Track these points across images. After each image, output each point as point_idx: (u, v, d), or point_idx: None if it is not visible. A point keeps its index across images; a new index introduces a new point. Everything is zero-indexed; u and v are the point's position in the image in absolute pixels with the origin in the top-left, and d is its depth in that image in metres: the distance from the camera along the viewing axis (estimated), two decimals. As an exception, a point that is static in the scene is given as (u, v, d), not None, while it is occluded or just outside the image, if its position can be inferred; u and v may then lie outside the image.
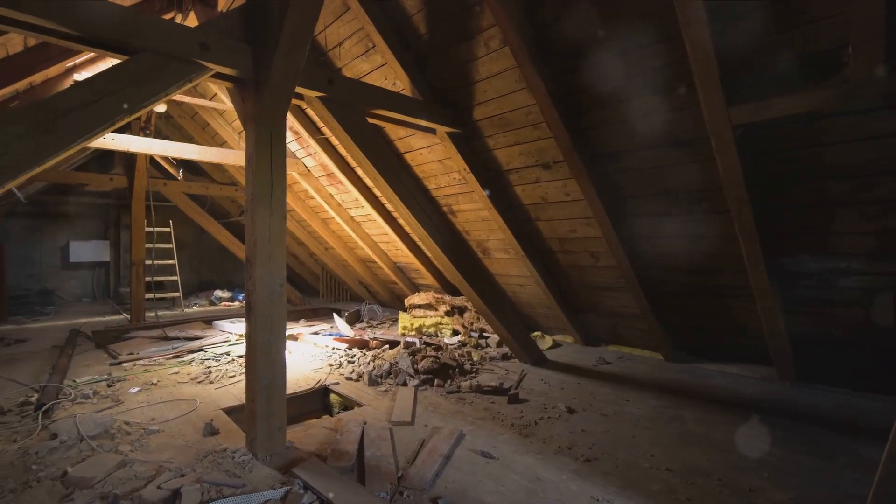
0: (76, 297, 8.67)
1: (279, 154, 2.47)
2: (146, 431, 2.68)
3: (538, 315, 4.86)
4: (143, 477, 2.16)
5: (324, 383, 3.58)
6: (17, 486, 2.06)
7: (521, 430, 2.70)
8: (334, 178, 5.32)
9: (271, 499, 1.99)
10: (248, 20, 2.43)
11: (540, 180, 3.51)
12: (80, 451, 2.38)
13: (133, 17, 2.07)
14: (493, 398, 3.22)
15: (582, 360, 4.14)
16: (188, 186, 7.08)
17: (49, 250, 8.45)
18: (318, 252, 7.60)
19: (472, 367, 3.83)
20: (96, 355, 4.49)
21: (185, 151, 4.99)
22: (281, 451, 2.42)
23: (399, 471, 2.24)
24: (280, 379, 2.45)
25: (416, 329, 5.01)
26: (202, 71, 2.28)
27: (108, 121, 1.97)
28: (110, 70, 2.01)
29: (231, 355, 4.35)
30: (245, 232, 2.47)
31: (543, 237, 3.94)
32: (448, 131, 3.47)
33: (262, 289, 2.38)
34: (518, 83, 3.03)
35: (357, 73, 3.81)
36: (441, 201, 4.40)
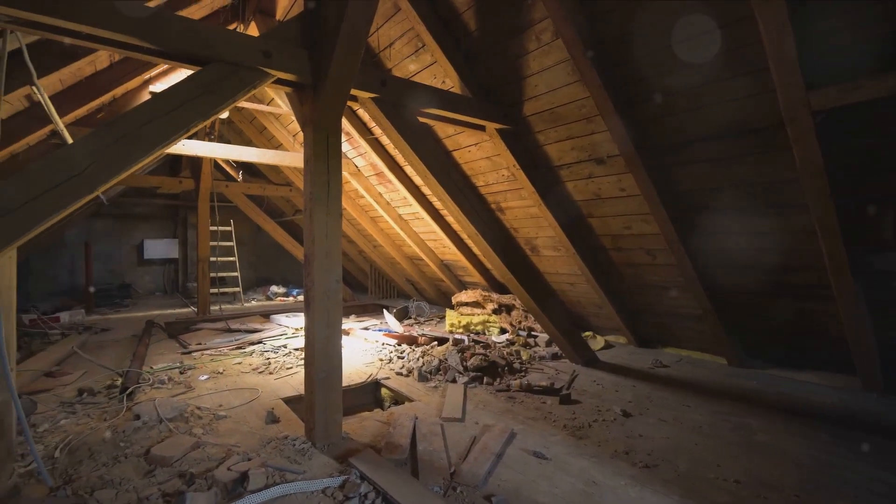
0: (150, 291, 9.44)
1: (335, 155, 2.56)
2: (215, 417, 2.87)
3: (589, 314, 4.72)
4: (215, 459, 2.32)
5: (375, 377, 3.67)
6: (108, 460, 2.28)
7: (574, 431, 2.64)
8: (383, 177, 5.43)
9: (330, 486, 2.08)
10: (306, 27, 2.53)
11: (593, 175, 3.40)
12: (159, 432, 2.59)
13: (206, 30, 2.22)
14: (543, 398, 3.16)
15: (636, 362, 3.98)
16: (247, 187, 7.51)
17: (126, 248, 9.25)
18: (366, 250, 7.81)
19: (521, 366, 3.79)
20: (169, 345, 4.86)
21: (246, 154, 5.29)
22: (337, 441, 2.51)
23: (451, 466, 2.26)
24: (337, 371, 2.54)
25: (463, 326, 5.02)
26: (265, 77, 2.40)
27: (184, 127, 2.12)
28: (185, 80, 2.16)
29: (288, 348, 4.57)
30: (304, 231, 2.58)
31: (595, 234, 3.82)
32: (497, 128, 3.44)
33: (319, 285, 2.48)
34: (570, 76, 2.95)
35: (406, 73, 3.86)
36: (489, 198, 4.38)
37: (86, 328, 5.68)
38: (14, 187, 1.72)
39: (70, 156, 1.86)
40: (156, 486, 2.03)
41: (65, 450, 2.38)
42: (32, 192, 1.75)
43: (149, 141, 2.03)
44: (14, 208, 1.71)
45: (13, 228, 1.70)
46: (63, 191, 1.81)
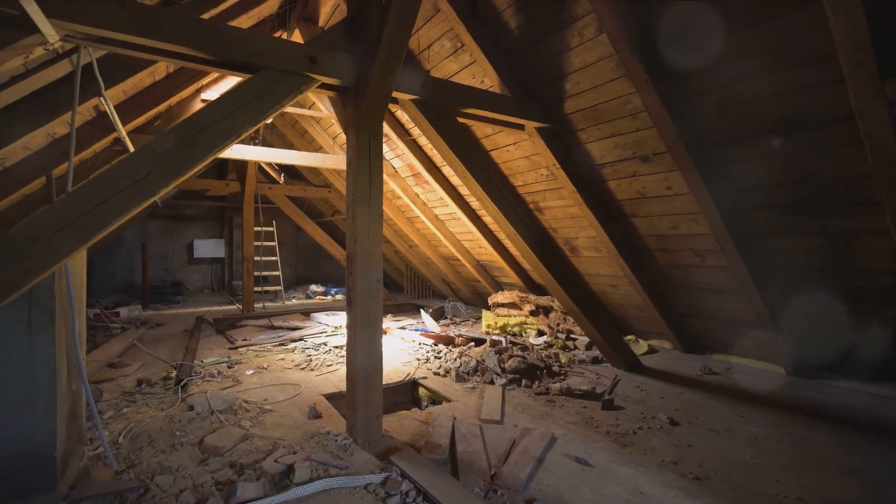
0: (198, 289, 9.95)
1: (377, 157, 2.60)
2: (261, 410, 2.98)
3: (631, 317, 4.57)
4: (262, 450, 2.41)
5: (413, 377, 3.71)
6: (166, 447, 2.42)
7: (618, 438, 2.55)
8: (420, 177, 5.48)
9: (372, 482, 2.11)
10: (349, 32, 2.58)
11: (637, 174, 3.29)
12: (211, 423, 2.72)
13: (255, 39, 2.31)
14: (584, 403, 3.09)
15: (683, 369, 3.81)
16: (289, 189, 7.78)
17: (178, 248, 9.79)
18: (402, 250, 7.90)
19: (560, 370, 3.72)
20: (217, 340, 5.10)
21: (289, 157, 5.48)
22: (378, 439, 2.55)
23: (492, 469, 2.24)
24: (378, 370, 2.58)
25: (500, 328, 4.98)
26: (311, 82, 2.47)
27: (236, 133, 2.22)
28: (236, 88, 2.26)
29: (328, 345, 4.69)
30: (346, 231, 2.63)
31: (639, 234, 3.69)
32: (537, 126, 3.39)
33: (361, 284, 2.53)
34: (615, 71, 2.86)
35: (445, 74, 3.87)
36: (527, 198, 4.32)
37: (142, 323, 6.05)
38: (89, 191, 1.86)
39: (135, 162, 1.99)
40: (209, 475, 2.13)
41: (127, 436, 2.54)
42: (103, 196, 1.89)
43: (204, 146, 2.14)
44: (89, 210, 1.84)
45: (89, 228, 1.83)
46: (129, 194, 1.93)
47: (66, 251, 1.81)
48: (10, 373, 1.87)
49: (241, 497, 1.92)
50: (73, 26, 1.90)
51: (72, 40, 2.02)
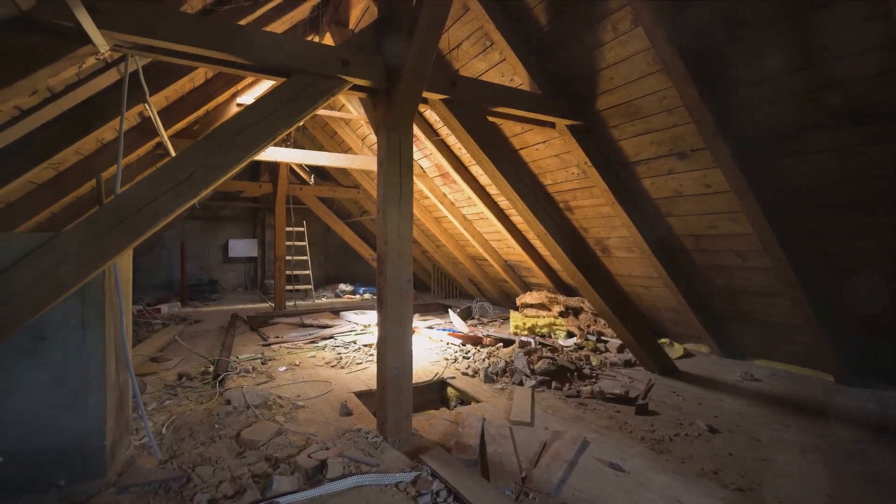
0: (233, 287, 10.30)
1: (407, 157, 2.62)
2: (294, 406, 3.05)
3: (665, 320, 4.42)
4: (296, 445, 2.46)
5: (441, 376, 3.71)
6: (205, 439, 2.51)
7: (654, 444, 2.47)
8: (448, 177, 5.48)
9: (403, 481, 2.12)
10: (380, 34, 2.61)
11: (674, 171, 3.17)
12: (247, 417, 2.81)
13: (290, 43, 2.36)
14: (617, 406, 3.01)
15: (722, 374, 3.65)
16: (319, 190, 7.95)
17: (214, 247, 10.16)
18: (430, 250, 7.93)
19: (591, 372, 3.64)
20: (251, 337, 5.26)
21: (320, 158, 5.59)
22: (407, 437, 2.56)
23: (523, 471, 2.21)
24: (407, 369, 2.59)
25: (528, 329, 4.93)
26: (343, 84, 2.51)
27: (272, 135, 2.27)
28: (272, 92, 2.32)
29: (357, 344, 4.75)
30: (377, 231, 2.66)
31: (675, 234, 3.56)
32: (568, 124, 3.33)
33: (392, 284, 2.55)
34: (651, 66, 2.77)
35: (474, 73, 3.86)
36: (557, 198, 4.25)
37: (182, 319, 6.31)
38: (136, 193, 1.95)
39: (178, 164, 2.07)
40: (246, 467, 2.19)
41: (170, 428, 2.65)
42: (150, 197, 1.97)
43: (242, 149, 2.20)
44: (136, 210, 1.93)
45: (136, 228, 1.92)
46: (173, 195, 2.01)
47: (115, 250, 1.90)
48: (67, 366, 1.98)
49: (277, 490, 1.97)
50: (122, 36, 1.99)
51: (120, 49, 2.12)
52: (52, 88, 2.40)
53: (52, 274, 1.76)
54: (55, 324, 1.98)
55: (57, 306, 1.92)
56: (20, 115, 2.36)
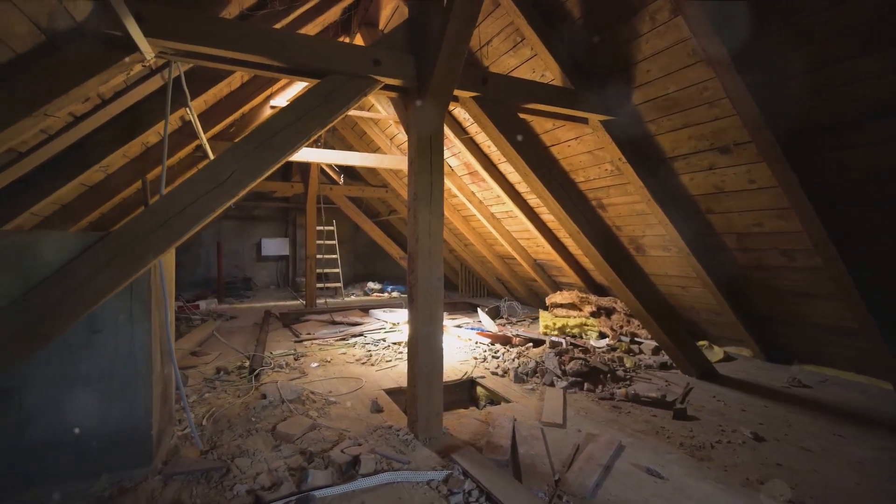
0: (266, 284, 10.60)
1: (438, 156, 2.61)
2: (327, 402, 3.11)
3: (704, 322, 4.25)
4: (329, 440, 2.51)
5: (470, 376, 3.70)
6: (243, 432, 2.59)
7: (694, 451, 2.38)
8: (477, 175, 5.46)
9: (435, 479, 2.12)
10: (411, 33, 2.61)
11: (715, 167, 3.04)
12: (282, 411, 2.88)
13: (323, 45, 2.40)
14: (653, 410, 2.91)
15: (766, 379, 3.48)
16: (348, 190, 8.08)
17: (248, 246, 10.49)
18: (457, 248, 7.92)
19: (625, 374, 3.54)
20: (284, 333, 5.40)
21: (350, 158, 5.68)
22: (438, 436, 2.56)
23: (556, 473, 2.17)
24: (438, 367, 2.59)
25: (558, 329, 4.84)
26: (374, 84, 2.53)
27: (306, 136, 2.32)
28: (306, 93, 2.36)
29: (387, 341, 4.80)
30: (408, 230, 2.67)
31: (715, 232, 3.42)
32: (602, 119, 3.24)
33: (423, 282, 2.55)
34: (690, 57, 2.66)
35: (504, 69, 3.81)
36: (589, 195, 4.16)
37: (218, 315, 6.54)
38: (179, 194, 2.02)
39: (218, 166, 2.13)
40: (282, 460, 2.25)
41: (210, 419, 2.75)
42: (192, 197, 2.05)
43: (278, 150, 2.26)
44: (180, 210, 2.01)
45: (180, 227, 2.00)
46: (214, 195, 2.08)
47: (161, 248, 1.98)
48: (118, 358, 2.09)
49: (312, 483, 2.01)
50: (166, 43, 2.07)
51: (164, 56, 2.21)
52: (102, 95, 2.53)
53: (104, 270, 1.86)
54: (107, 318, 2.08)
55: (108, 302, 2.02)
56: (74, 121, 2.50)
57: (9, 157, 2.33)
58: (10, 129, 1.87)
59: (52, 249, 1.90)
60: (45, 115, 1.98)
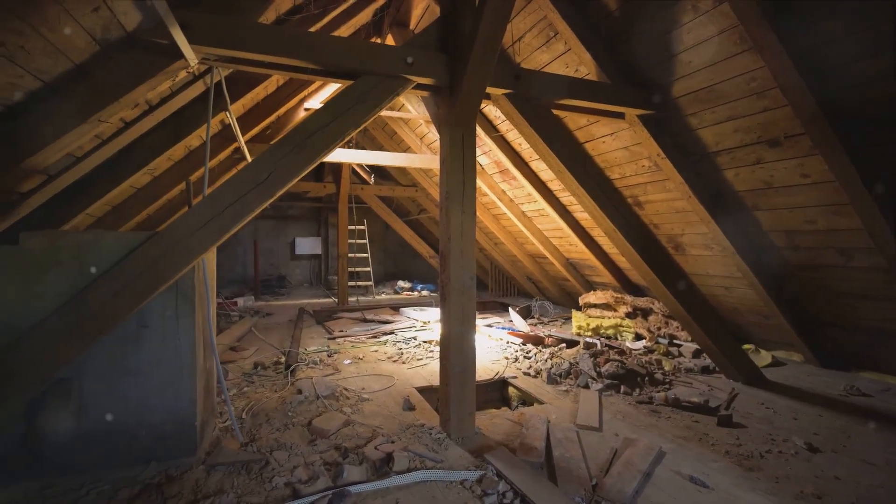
0: (299, 282, 10.88)
1: (470, 154, 2.59)
2: (360, 398, 3.15)
3: (749, 324, 4.04)
4: (363, 437, 2.54)
5: (502, 376, 3.66)
6: (280, 426, 2.65)
7: (741, 460, 2.26)
8: (508, 174, 5.40)
9: (468, 479, 2.10)
10: (443, 31, 2.60)
11: (763, 161, 2.88)
12: (317, 407, 2.94)
13: (357, 47, 2.43)
14: (695, 416, 2.79)
15: (820, 386, 3.27)
16: (379, 189, 8.17)
17: (282, 245, 10.80)
18: (487, 247, 7.87)
19: (664, 378, 3.41)
20: (317, 330, 5.52)
21: (381, 158, 5.74)
22: (471, 436, 2.55)
23: (593, 478, 2.11)
24: (471, 367, 2.57)
25: (592, 329, 4.73)
26: (407, 84, 2.53)
27: (341, 136, 2.35)
28: (340, 94, 2.39)
29: (417, 340, 4.82)
30: (440, 228, 2.66)
31: (763, 230, 3.23)
32: (639, 114, 3.13)
33: (455, 281, 2.54)
34: (737, 45, 2.52)
35: (537, 65, 3.74)
36: (625, 192, 4.03)
37: (255, 312, 6.76)
38: (221, 194, 2.09)
39: (257, 167, 2.19)
40: (318, 454, 2.29)
41: (249, 413, 2.84)
42: (232, 198, 2.11)
43: (314, 150, 2.30)
44: (221, 210, 2.07)
45: (222, 227, 2.07)
46: (254, 195, 2.14)
47: (204, 247, 2.06)
48: (164, 352, 2.18)
49: (347, 479, 2.04)
50: (209, 49, 2.14)
51: (207, 62, 2.29)
52: (149, 101, 2.65)
53: (153, 268, 1.95)
54: (154, 314, 2.18)
55: (155, 298, 2.12)
56: (124, 126, 2.64)
57: (67, 161, 2.48)
58: (68, 135, 1.99)
59: (107, 249, 2.01)
60: (99, 120, 2.09)
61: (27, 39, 1.57)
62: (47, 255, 1.96)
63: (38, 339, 1.84)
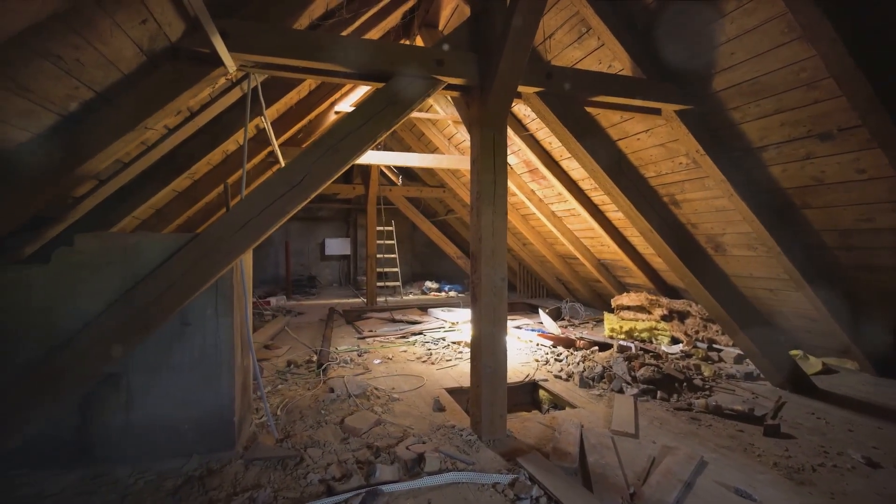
0: (329, 283, 11.10)
1: (501, 154, 2.57)
2: (390, 398, 3.17)
3: (797, 329, 3.83)
4: (394, 436, 2.55)
5: (533, 378, 3.60)
6: (314, 423, 2.70)
7: (791, 473, 2.13)
8: (537, 173, 5.32)
9: (500, 482, 2.08)
10: (473, 31, 2.58)
11: (813, 156, 2.71)
12: (348, 406, 2.97)
13: (388, 49, 2.45)
14: (738, 425, 2.66)
15: (878, 397, 3.05)
16: (406, 190, 8.23)
17: (312, 246, 11.04)
18: (515, 248, 7.79)
19: (703, 384, 3.27)
20: (347, 329, 5.60)
21: (409, 160, 5.77)
22: (502, 438, 2.51)
23: (630, 487, 2.04)
24: (502, 368, 2.55)
25: (625, 332, 4.59)
26: (438, 84, 2.53)
27: (373, 138, 2.37)
28: (371, 96, 2.41)
29: (446, 340, 4.81)
30: (470, 229, 2.64)
31: (814, 229, 3.05)
32: (677, 109, 3.01)
33: (486, 282, 2.52)
34: (784, 35, 2.39)
35: (568, 62, 3.67)
36: (661, 191, 3.89)
37: (287, 311, 6.93)
38: (258, 197, 2.15)
39: (292, 169, 2.24)
40: (350, 453, 2.32)
41: (283, 410, 2.90)
42: (269, 200, 2.17)
43: (347, 152, 2.33)
44: (258, 213, 2.13)
45: (259, 228, 2.12)
46: (289, 198, 2.19)
47: (243, 247, 2.12)
48: (205, 349, 2.26)
49: (380, 478, 2.05)
50: (247, 56, 2.21)
51: (244, 68, 2.36)
52: (191, 108, 2.76)
53: (196, 268, 2.02)
54: (196, 312, 2.26)
55: (197, 297, 2.19)
56: (167, 132, 2.75)
57: (115, 166, 2.62)
58: (117, 142, 2.09)
59: (152, 250, 2.09)
60: (145, 127, 2.19)
61: (83, 52, 1.66)
62: (100, 255, 2.06)
63: (93, 335, 1.94)
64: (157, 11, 1.78)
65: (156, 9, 1.76)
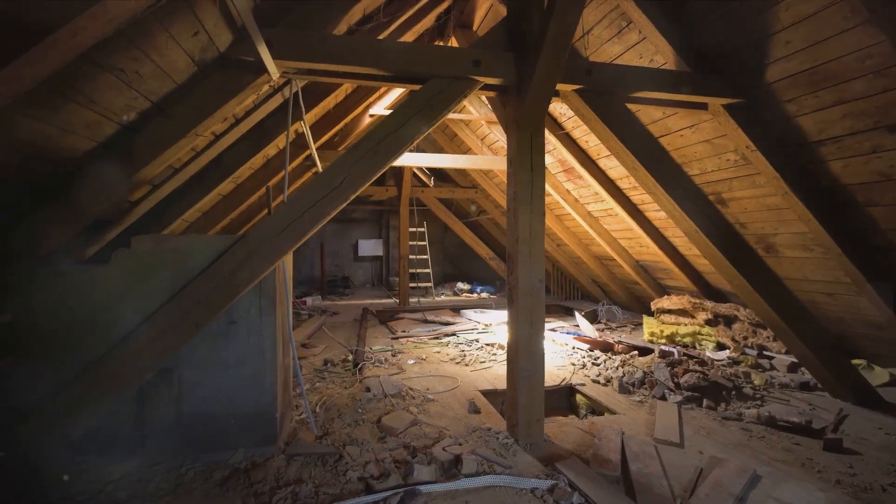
0: (362, 283, 11.29)
1: (538, 154, 2.53)
2: (425, 399, 3.18)
3: (859, 336, 3.56)
4: (430, 437, 2.55)
5: (569, 382, 3.52)
6: (351, 421, 2.75)
7: (856, 492, 1.98)
8: (573, 172, 5.21)
9: (539, 487, 2.04)
10: (510, 30, 2.56)
11: (879, 149, 2.51)
12: (384, 405, 3.00)
13: (424, 51, 2.46)
14: (794, 437, 2.50)
15: (953, 411, 2.80)
16: (438, 191, 8.25)
17: (346, 247, 11.26)
18: (549, 249, 7.65)
19: (753, 393, 3.09)
20: (380, 330, 5.67)
21: (442, 161, 5.79)
22: (539, 442, 2.47)
23: (676, 498, 1.96)
24: (539, 371, 2.50)
25: (666, 337, 4.42)
26: (474, 85, 2.52)
27: (410, 140, 2.39)
28: (409, 98, 2.43)
29: (480, 342, 4.79)
30: (507, 229, 2.61)
31: (879, 229, 2.83)
32: (725, 103, 2.87)
33: (523, 283, 2.48)
34: (847, 20, 2.23)
35: (607, 58, 3.57)
36: (706, 189, 3.71)
37: (322, 311, 7.09)
38: (299, 199, 2.21)
39: (331, 172, 2.29)
40: (387, 452, 2.34)
41: (322, 407, 2.97)
42: (310, 202, 2.22)
43: (385, 154, 2.36)
44: (299, 215, 2.19)
45: (300, 230, 2.18)
46: (329, 200, 2.24)
47: (286, 248, 2.18)
48: (249, 347, 2.34)
49: (417, 478, 2.05)
50: (289, 63, 2.27)
51: (287, 75, 2.43)
52: (236, 115, 2.87)
53: (242, 268, 2.10)
54: (241, 311, 2.34)
55: (242, 297, 2.28)
56: (214, 139, 2.88)
57: (167, 172, 2.76)
58: (170, 149, 2.20)
59: (201, 251, 2.19)
60: (195, 134, 2.29)
61: (141, 65, 1.75)
62: (154, 256, 2.18)
63: (149, 331, 2.05)
64: (209, 24, 1.86)
65: (207, 21, 1.84)
